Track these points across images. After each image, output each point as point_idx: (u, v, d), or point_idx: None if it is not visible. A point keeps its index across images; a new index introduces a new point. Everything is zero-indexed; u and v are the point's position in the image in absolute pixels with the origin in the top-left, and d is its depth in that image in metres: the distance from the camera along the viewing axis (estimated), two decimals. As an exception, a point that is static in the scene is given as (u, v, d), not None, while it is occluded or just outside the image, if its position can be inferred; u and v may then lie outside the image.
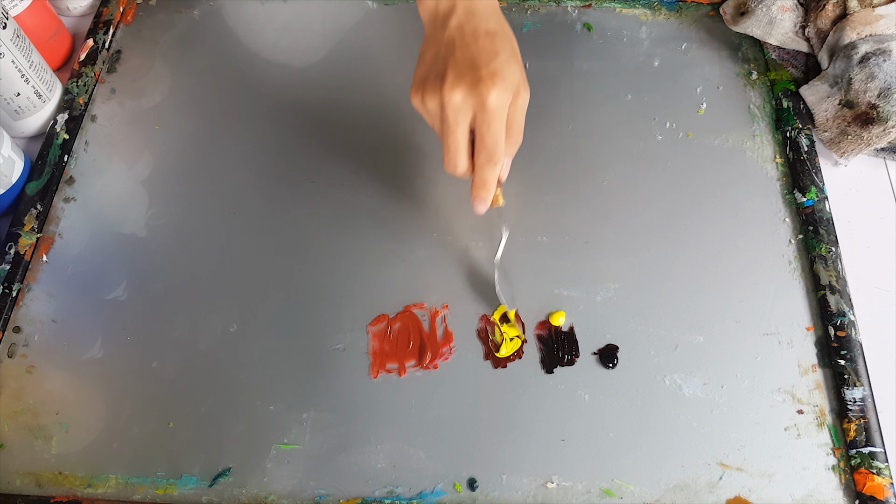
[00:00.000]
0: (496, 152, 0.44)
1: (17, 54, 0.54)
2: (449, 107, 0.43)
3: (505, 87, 0.42)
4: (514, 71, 0.43)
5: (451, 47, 0.44)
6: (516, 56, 0.44)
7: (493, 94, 0.42)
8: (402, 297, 0.52)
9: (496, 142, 0.43)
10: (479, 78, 0.42)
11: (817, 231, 0.52)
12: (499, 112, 0.42)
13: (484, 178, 0.45)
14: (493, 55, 0.42)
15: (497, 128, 0.43)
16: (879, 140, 0.54)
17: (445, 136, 0.44)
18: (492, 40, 0.43)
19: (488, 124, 0.43)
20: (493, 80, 0.42)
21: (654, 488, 0.45)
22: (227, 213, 0.56)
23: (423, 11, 0.46)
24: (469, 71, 0.42)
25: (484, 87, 0.41)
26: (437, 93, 0.43)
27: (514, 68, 0.43)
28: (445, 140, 0.44)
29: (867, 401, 0.47)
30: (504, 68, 0.42)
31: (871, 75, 0.53)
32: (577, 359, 0.49)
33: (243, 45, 0.65)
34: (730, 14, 0.61)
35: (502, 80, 0.42)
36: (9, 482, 0.47)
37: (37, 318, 0.52)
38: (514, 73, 0.43)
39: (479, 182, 0.45)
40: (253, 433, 0.48)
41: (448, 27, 0.44)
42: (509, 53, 0.43)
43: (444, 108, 0.43)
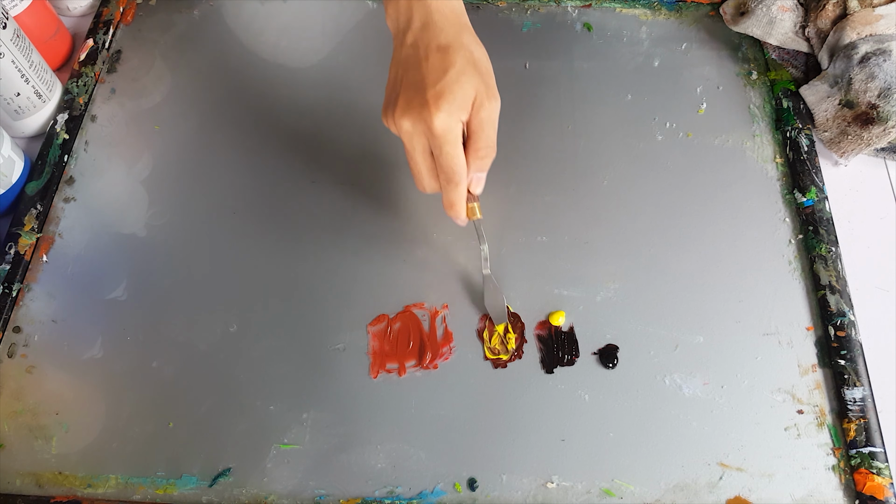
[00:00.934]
0: (453, 175, 0.43)
1: (17, 54, 0.54)
2: (402, 134, 0.43)
3: (451, 109, 0.41)
4: (464, 86, 0.41)
5: (405, 67, 0.43)
6: (473, 66, 0.42)
7: (438, 119, 0.40)
8: (402, 297, 0.52)
9: (451, 164, 0.43)
10: (423, 102, 0.41)
11: (817, 231, 0.52)
12: (447, 136, 0.41)
13: (449, 199, 0.45)
14: (442, 73, 0.41)
15: (449, 150, 0.42)
16: (879, 140, 0.54)
17: (408, 159, 0.44)
18: (443, 56, 0.42)
19: (439, 148, 0.42)
20: (438, 102, 0.40)
21: (654, 488, 0.45)
22: (227, 213, 0.56)
23: (389, 24, 0.46)
24: (416, 94, 0.41)
25: (427, 112, 0.41)
26: (391, 119, 0.43)
27: (465, 83, 0.41)
28: (409, 163, 0.45)
29: (867, 401, 0.47)
30: (451, 86, 0.41)
31: (871, 75, 0.53)
32: (577, 359, 0.49)
33: (243, 45, 0.65)
34: (730, 14, 0.61)
35: (447, 102, 0.40)
36: (9, 482, 0.47)
37: (37, 318, 0.52)
38: (465, 89, 0.41)
39: (445, 203, 0.45)
40: (253, 433, 0.48)
41: (405, 44, 0.43)
42: (462, 67, 0.41)
43: (400, 135, 0.43)
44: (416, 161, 0.44)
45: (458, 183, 0.44)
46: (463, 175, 0.44)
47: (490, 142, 0.44)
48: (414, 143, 0.43)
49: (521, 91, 0.60)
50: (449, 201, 0.45)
